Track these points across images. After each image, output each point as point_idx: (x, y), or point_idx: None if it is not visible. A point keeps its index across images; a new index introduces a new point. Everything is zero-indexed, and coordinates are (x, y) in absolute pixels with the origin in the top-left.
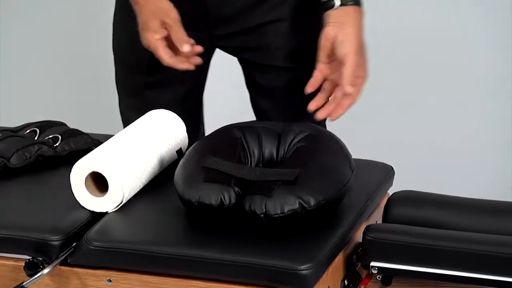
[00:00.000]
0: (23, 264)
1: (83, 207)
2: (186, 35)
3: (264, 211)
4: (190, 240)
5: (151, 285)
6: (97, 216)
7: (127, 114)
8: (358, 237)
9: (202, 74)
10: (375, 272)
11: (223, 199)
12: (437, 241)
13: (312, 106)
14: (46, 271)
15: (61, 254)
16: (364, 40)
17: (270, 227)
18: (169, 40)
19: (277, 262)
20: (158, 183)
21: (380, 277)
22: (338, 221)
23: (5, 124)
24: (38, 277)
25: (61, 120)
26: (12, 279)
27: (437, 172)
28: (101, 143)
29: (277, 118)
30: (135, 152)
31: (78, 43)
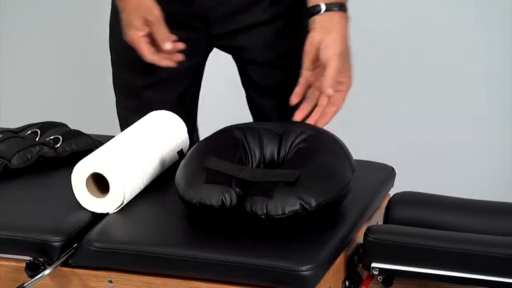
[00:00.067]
0: (24, 265)
1: (84, 208)
2: (169, 32)
3: (265, 212)
4: (191, 241)
5: (152, 286)
6: (98, 217)
7: (124, 114)
8: (359, 238)
9: (198, 73)
10: (376, 273)
11: (224, 200)
12: (438, 242)
13: (298, 116)
14: (47, 272)
15: (62, 255)
16: (349, 46)
17: (271, 228)
18: (152, 37)
19: (278, 263)
20: (159, 184)
21: (381, 278)
22: (339, 222)
23: (6, 125)
24: (39, 278)
25: (62, 121)
26: (13, 280)
27: (437, 173)
28: (102, 144)
29: (273, 116)
30: (136, 153)
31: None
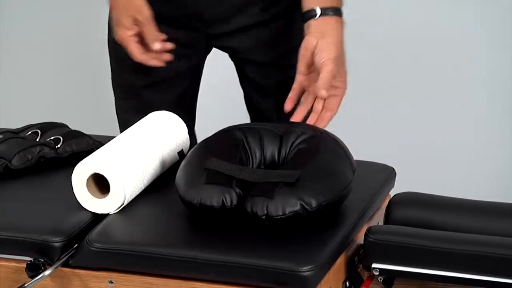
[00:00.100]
0: (24, 265)
1: (84, 208)
2: (158, 32)
3: (265, 212)
4: (191, 242)
5: (152, 286)
6: (98, 218)
7: (124, 114)
8: (360, 238)
9: (197, 73)
10: (377, 273)
11: (224, 200)
12: (438, 242)
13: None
14: (47, 272)
15: (63, 256)
16: (344, 51)
17: (272, 228)
18: (141, 36)
19: (278, 264)
20: (160, 185)
21: (382, 278)
22: (339, 222)
23: (6, 125)
24: (39, 278)
25: (62, 122)
26: (13, 280)
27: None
28: (103, 144)
29: (271, 116)
30: (136, 153)
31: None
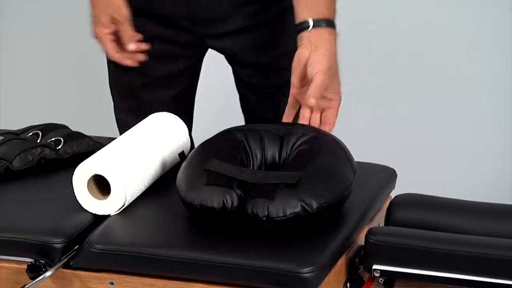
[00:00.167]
0: (25, 266)
1: (85, 210)
2: (134, 33)
3: (266, 214)
4: (192, 243)
5: None
6: (99, 219)
7: (121, 114)
8: (361, 240)
9: (194, 73)
10: (377, 275)
11: (225, 202)
12: (439, 244)
13: None
14: (48, 274)
15: (64, 257)
16: (337, 62)
17: (273, 230)
18: (117, 35)
19: (279, 265)
20: (161, 186)
21: (383, 280)
22: (340, 224)
23: (6, 126)
24: (40, 279)
25: (63, 123)
26: (14, 281)
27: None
28: (103, 146)
29: (267, 118)
30: (137, 155)
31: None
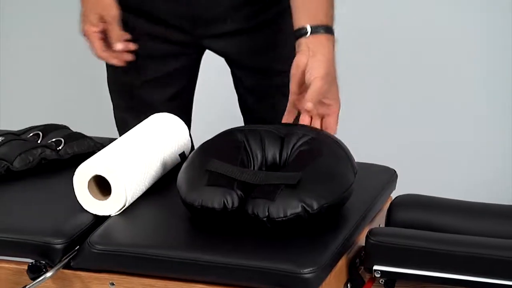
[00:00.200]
0: (26, 267)
1: (86, 210)
2: (123, 32)
3: (267, 214)
4: (192, 244)
5: None
6: (100, 220)
7: (120, 113)
8: (361, 240)
9: (192, 73)
10: (378, 275)
11: (226, 202)
12: (440, 244)
13: None
14: (49, 274)
15: (64, 258)
16: (335, 68)
17: (273, 230)
18: (105, 34)
19: (280, 266)
20: (161, 187)
21: (383, 280)
22: (341, 224)
23: (6, 126)
24: (41, 280)
25: (64, 124)
26: (14, 282)
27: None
28: (104, 146)
29: (265, 119)
30: (138, 155)
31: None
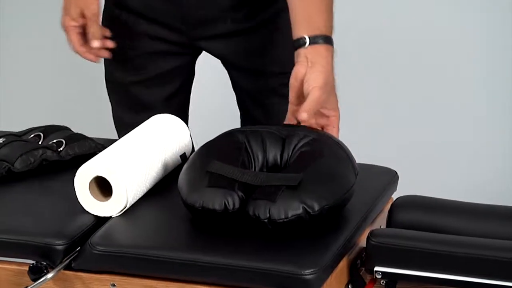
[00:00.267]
0: (27, 268)
1: (87, 211)
2: (101, 29)
3: (268, 216)
4: (193, 245)
5: None
6: (101, 221)
7: (117, 113)
8: (362, 241)
9: (189, 73)
10: (379, 276)
11: (227, 204)
12: (441, 246)
13: None
14: (50, 275)
15: (65, 259)
16: (334, 78)
17: (274, 232)
18: (85, 28)
19: (281, 267)
20: (162, 188)
21: (384, 282)
22: (342, 225)
23: (7, 127)
24: (42, 281)
25: (65, 125)
26: (15, 283)
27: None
28: (105, 147)
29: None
30: (139, 156)
31: None
